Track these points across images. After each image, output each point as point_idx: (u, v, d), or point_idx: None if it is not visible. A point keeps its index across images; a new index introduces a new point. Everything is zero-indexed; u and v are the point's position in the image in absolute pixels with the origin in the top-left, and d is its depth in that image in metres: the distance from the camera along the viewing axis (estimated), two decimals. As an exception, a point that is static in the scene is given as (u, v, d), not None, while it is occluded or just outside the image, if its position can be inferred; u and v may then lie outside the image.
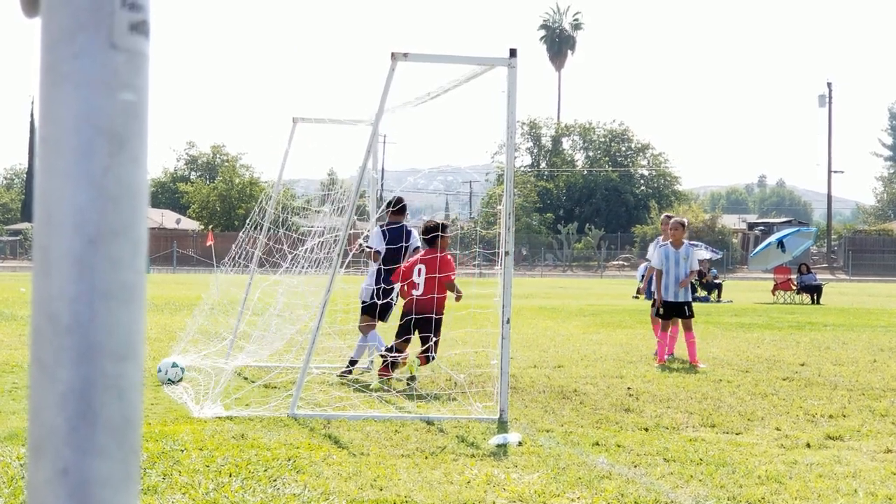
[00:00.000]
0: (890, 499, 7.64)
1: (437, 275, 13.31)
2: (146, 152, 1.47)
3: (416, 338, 13.60)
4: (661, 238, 17.83)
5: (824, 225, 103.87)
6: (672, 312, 16.62)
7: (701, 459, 8.89)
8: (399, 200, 14.77)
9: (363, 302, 14.46)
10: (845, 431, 10.46)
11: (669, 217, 17.76)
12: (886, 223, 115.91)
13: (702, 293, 40.28)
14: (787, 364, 16.41)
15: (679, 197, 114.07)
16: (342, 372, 14.10)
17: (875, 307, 35.78)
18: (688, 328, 16.54)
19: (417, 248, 14.22)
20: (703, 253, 46.48)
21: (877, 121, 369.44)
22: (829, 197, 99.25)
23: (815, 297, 39.40)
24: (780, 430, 10.55)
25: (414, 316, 13.35)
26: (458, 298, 13.50)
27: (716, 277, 41.79)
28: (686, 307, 16.65)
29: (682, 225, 17.11)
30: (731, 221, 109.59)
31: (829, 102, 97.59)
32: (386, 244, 14.20)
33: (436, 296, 13.30)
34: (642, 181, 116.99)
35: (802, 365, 16.23)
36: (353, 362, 14.37)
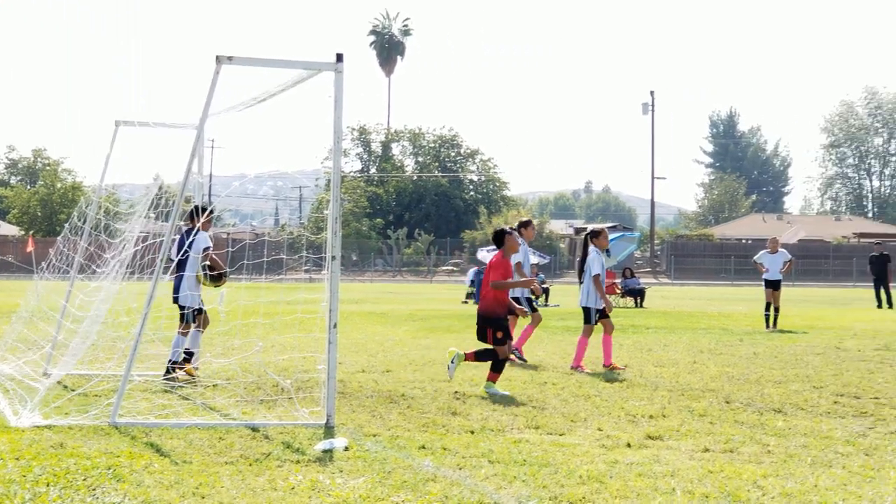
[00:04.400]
0: (706, 497, 7.84)
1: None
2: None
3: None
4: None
5: (648, 230, 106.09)
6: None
7: (525, 460, 9.00)
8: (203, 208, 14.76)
9: (191, 308, 14.31)
10: (665, 431, 10.70)
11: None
12: (707, 228, 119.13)
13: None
14: (611, 366, 16.72)
15: (508, 202, 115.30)
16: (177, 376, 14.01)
17: (696, 310, 36.69)
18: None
19: (208, 248, 14.22)
20: (532, 258, 47.13)
21: (698, 129, 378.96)
22: (653, 203, 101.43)
23: (639, 301, 40.25)
24: (601, 430, 10.74)
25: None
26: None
27: (543, 282, 42.32)
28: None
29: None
30: (558, 227, 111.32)
31: (652, 111, 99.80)
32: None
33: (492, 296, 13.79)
34: (471, 186, 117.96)
35: (625, 366, 16.55)
36: (189, 354, 14.32)
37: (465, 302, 41.48)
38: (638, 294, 40.69)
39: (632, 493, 7.92)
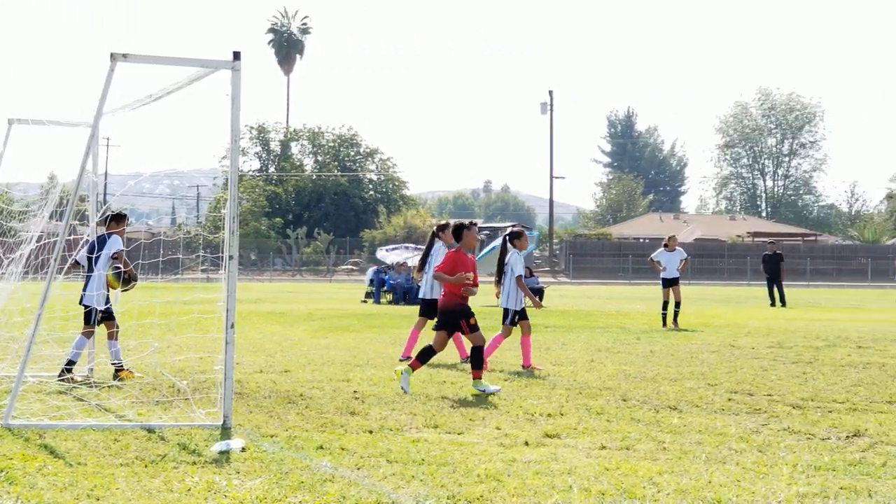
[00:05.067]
0: (603, 494, 7.91)
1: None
2: None
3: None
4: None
5: (547, 229, 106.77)
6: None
7: (423, 459, 9.01)
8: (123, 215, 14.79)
9: (95, 308, 14.17)
10: (562, 429, 10.77)
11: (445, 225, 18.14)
12: (606, 228, 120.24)
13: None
14: (510, 365, 16.80)
15: (407, 202, 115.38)
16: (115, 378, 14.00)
17: (594, 309, 37.02)
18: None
19: (120, 251, 14.17)
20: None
21: (596, 128, 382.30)
22: (551, 202, 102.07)
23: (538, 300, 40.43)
24: (500, 429, 10.78)
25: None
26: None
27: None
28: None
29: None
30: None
31: (551, 110, 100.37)
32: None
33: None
34: (371, 186, 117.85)
35: (525, 366, 16.63)
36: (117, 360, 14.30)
37: (365, 301, 41.42)
38: (537, 293, 40.91)
39: (529, 491, 7.96)
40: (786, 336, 23.49)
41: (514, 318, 16.87)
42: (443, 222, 18.04)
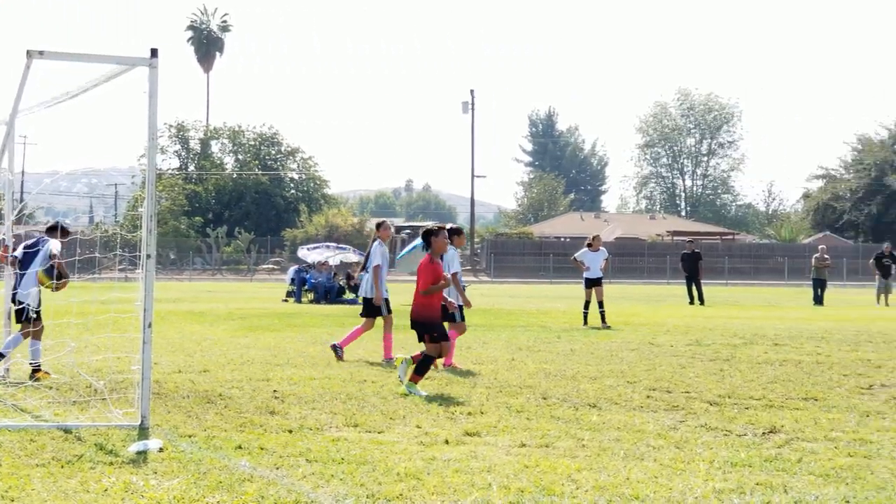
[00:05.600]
0: (522, 491, 7.93)
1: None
2: None
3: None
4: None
5: (468, 228, 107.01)
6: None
7: (342, 459, 8.99)
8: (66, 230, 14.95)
9: (29, 306, 14.08)
10: (482, 427, 10.80)
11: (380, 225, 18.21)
12: (527, 227, 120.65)
13: (350, 295, 40.76)
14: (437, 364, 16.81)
15: (328, 200, 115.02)
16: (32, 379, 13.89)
17: (515, 308, 37.12)
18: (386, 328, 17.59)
19: (56, 255, 14.08)
20: (352, 256, 47.13)
21: (518, 128, 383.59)
22: (473, 201, 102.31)
23: (459, 299, 40.48)
24: (420, 427, 10.79)
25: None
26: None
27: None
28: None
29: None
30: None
31: (472, 109, 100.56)
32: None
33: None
34: (292, 185, 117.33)
35: (446, 365, 16.65)
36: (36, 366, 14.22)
37: (286, 300, 41.24)
38: (458, 292, 40.97)
39: (448, 489, 7.98)
40: (704, 334, 23.74)
41: (459, 315, 17.10)
42: (379, 221, 18.15)
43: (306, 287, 41.63)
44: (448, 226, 16.24)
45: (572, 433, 10.52)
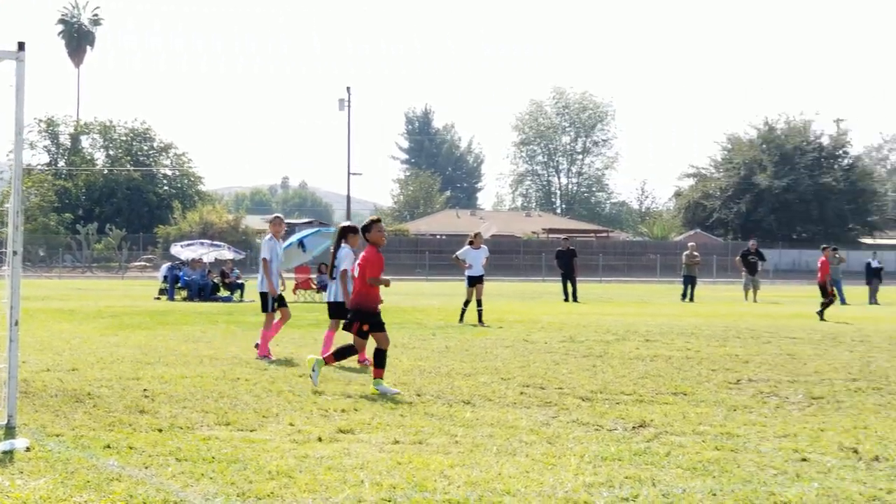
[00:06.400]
0: (394, 487, 7.93)
1: None
2: None
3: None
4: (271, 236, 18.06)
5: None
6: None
7: (213, 457, 8.89)
8: None
9: None
10: (356, 425, 10.78)
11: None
12: (403, 224, 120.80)
13: (225, 293, 40.42)
14: (304, 361, 16.74)
15: (203, 197, 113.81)
16: None
17: (390, 305, 36.90)
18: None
19: None
20: (227, 253, 46.67)
21: (394, 125, 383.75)
22: (349, 198, 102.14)
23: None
24: (293, 425, 10.73)
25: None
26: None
27: (238, 277, 42.01)
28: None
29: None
30: (254, 222, 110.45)
31: (349, 106, 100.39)
32: None
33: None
34: (165, 181, 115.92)
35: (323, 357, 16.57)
36: None
37: (158, 298, 40.70)
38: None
39: (320, 486, 7.95)
40: (578, 330, 24.00)
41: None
42: (347, 224, 17.82)
43: (179, 284, 41.14)
44: (344, 224, 16.28)
45: (446, 430, 10.55)
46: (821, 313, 30.10)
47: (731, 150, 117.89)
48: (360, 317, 13.86)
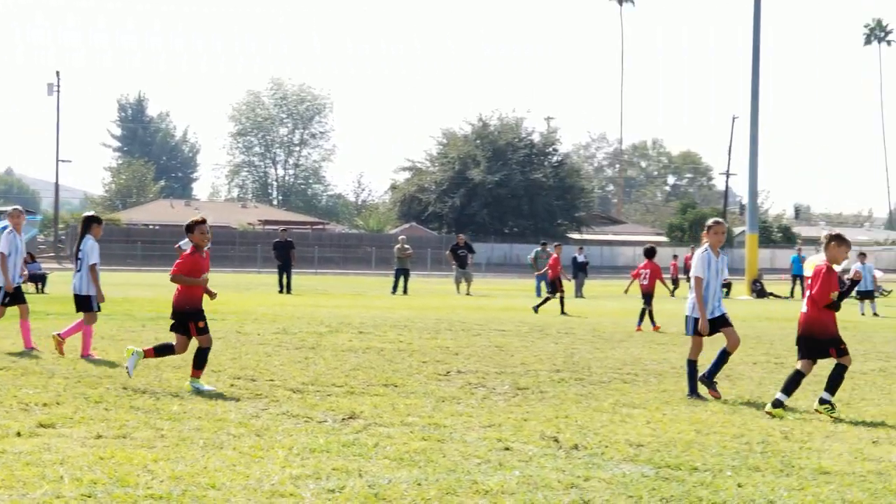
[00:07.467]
0: (95, 482, 7.72)
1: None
2: None
3: None
4: None
5: (52, 214, 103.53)
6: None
7: None
8: None
9: None
10: (58, 419, 10.45)
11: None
12: (115, 213, 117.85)
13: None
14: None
15: None
16: None
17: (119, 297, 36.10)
18: None
19: None
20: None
21: (106, 112, 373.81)
22: (57, 186, 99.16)
23: (40, 286, 39.17)
24: (-11, 420, 10.33)
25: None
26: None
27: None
28: None
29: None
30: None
31: (58, 91, 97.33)
32: None
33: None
34: None
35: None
36: None
37: None
38: (40, 280, 39.59)
39: (18, 482, 7.67)
40: (291, 322, 23.96)
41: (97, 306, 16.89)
42: (90, 213, 17.15)
43: None
44: (87, 213, 15.83)
45: (151, 423, 10.35)
46: (561, 308, 31.19)
47: (447, 145, 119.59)
48: (191, 317, 13.48)
